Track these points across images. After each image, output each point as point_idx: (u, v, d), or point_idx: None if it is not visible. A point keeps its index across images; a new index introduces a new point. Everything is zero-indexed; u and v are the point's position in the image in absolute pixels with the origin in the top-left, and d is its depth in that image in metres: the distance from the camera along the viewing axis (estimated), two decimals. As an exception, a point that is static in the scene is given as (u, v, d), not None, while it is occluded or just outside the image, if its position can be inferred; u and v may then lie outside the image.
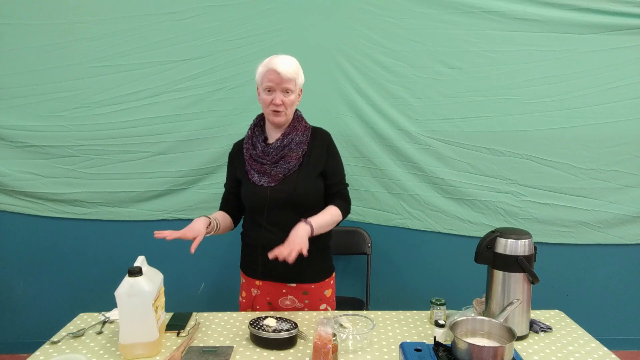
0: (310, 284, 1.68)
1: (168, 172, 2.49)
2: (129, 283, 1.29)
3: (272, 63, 1.52)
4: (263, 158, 1.60)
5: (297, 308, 1.69)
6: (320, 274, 1.70)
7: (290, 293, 1.68)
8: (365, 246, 2.44)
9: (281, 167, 1.58)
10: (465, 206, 2.52)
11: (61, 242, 2.58)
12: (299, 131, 1.62)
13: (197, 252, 1.44)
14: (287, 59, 1.55)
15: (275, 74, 1.51)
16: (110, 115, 2.42)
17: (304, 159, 1.61)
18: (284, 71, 1.50)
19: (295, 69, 1.55)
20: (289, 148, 1.59)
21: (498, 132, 2.43)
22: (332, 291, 1.76)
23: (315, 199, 1.64)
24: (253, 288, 1.70)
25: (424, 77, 2.40)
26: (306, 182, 1.59)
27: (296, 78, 1.55)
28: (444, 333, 1.32)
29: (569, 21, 2.31)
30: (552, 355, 1.35)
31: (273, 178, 1.58)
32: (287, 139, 1.60)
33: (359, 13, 2.37)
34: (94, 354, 1.35)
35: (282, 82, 1.52)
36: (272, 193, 1.58)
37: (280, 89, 1.53)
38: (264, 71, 1.54)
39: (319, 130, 1.69)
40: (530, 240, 1.42)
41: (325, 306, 1.71)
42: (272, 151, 1.60)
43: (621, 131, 2.40)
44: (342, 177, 1.71)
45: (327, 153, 1.65)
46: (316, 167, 1.61)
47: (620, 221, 2.49)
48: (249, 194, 1.62)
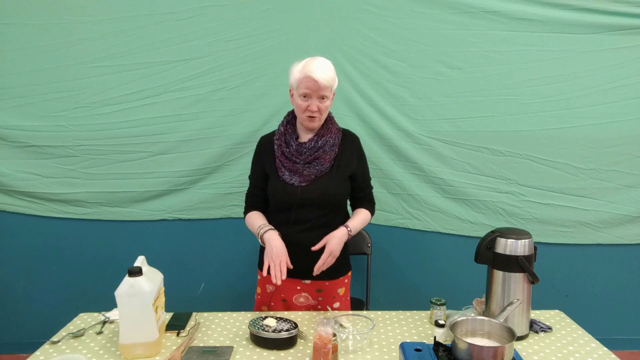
0: (324, 282, 1.68)
1: (168, 172, 2.49)
2: (129, 283, 1.29)
3: (310, 70, 1.48)
4: (296, 157, 1.59)
5: (310, 306, 1.69)
6: (336, 271, 1.68)
7: (304, 290, 1.68)
8: (365, 246, 2.44)
9: (314, 167, 1.58)
10: (465, 206, 2.52)
11: (61, 242, 2.58)
12: (332, 133, 1.62)
13: (197, 252, 1.45)
14: (325, 64, 1.52)
15: (313, 81, 1.47)
16: (110, 115, 2.41)
17: (335, 162, 1.61)
18: (322, 79, 1.47)
19: (333, 75, 1.52)
20: (322, 150, 1.59)
21: (498, 132, 2.43)
22: (346, 290, 1.76)
23: (344, 200, 1.69)
24: (268, 284, 1.69)
25: (424, 77, 2.40)
26: (336, 184, 1.61)
27: (333, 84, 1.53)
28: (444, 333, 1.32)
29: (569, 21, 2.31)
30: (552, 355, 1.35)
31: (305, 178, 1.58)
32: (322, 141, 1.59)
33: (359, 13, 2.37)
34: (94, 354, 1.35)
35: (319, 89, 1.49)
36: (302, 193, 1.58)
37: (317, 95, 1.51)
38: (300, 77, 1.50)
39: (349, 134, 1.70)
40: (530, 240, 1.42)
41: (338, 305, 1.71)
42: (306, 151, 1.59)
43: (621, 131, 2.40)
44: (369, 181, 1.75)
45: (358, 158, 1.68)
46: (346, 171, 1.63)
47: (620, 221, 2.49)
48: (279, 191, 1.61)
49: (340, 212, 1.68)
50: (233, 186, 2.50)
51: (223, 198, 2.51)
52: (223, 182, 2.51)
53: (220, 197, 2.52)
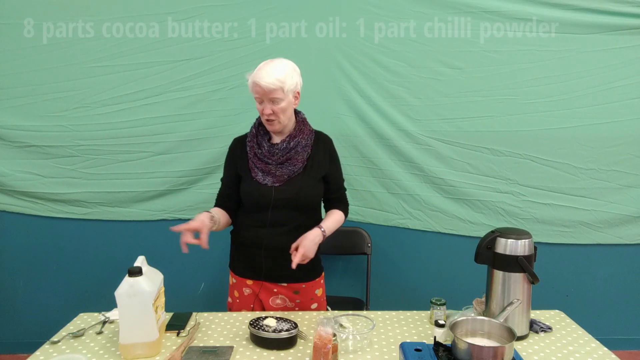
0: (301, 284, 1.69)
1: (168, 172, 2.49)
2: (129, 283, 1.29)
3: (256, 76, 1.50)
4: (269, 158, 1.61)
5: (287, 308, 1.70)
6: (312, 273, 1.71)
7: (281, 292, 1.69)
8: (365, 246, 2.44)
9: (287, 168, 1.59)
10: (465, 206, 2.52)
11: (61, 242, 2.58)
12: (305, 134, 1.63)
13: (197, 252, 1.43)
14: (273, 67, 1.51)
15: (258, 86, 1.49)
16: (110, 115, 2.42)
17: (308, 162, 1.63)
18: (266, 84, 1.48)
19: (280, 77, 1.50)
20: (295, 151, 1.60)
21: (498, 132, 2.43)
22: (323, 290, 1.77)
23: (317, 201, 1.71)
24: (245, 288, 1.70)
25: (424, 77, 2.40)
26: (310, 185, 1.62)
27: (282, 86, 1.50)
28: (444, 333, 1.32)
29: (569, 21, 2.31)
30: (552, 355, 1.35)
31: (278, 178, 1.59)
32: (294, 142, 1.60)
33: (359, 13, 2.37)
34: (94, 354, 1.35)
35: (266, 93, 1.50)
36: (276, 193, 1.59)
37: (267, 99, 1.52)
38: (250, 83, 1.53)
39: (322, 135, 1.72)
40: (530, 240, 1.42)
41: (316, 305, 1.72)
42: (278, 152, 1.60)
43: (621, 131, 2.40)
44: (342, 182, 1.77)
45: (330, 160, 1.69)
46: (319, 172, 1.65)
47: (620, 221, 2.49)
48: (253, 192, 1.62)
49: (314, 214, 1.69)
50: (233, 186, 2.50)
51: (223, 198, 2.51)
52: (223, 182, 2.51)
53: (220, 197, 2.52)
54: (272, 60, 1.55)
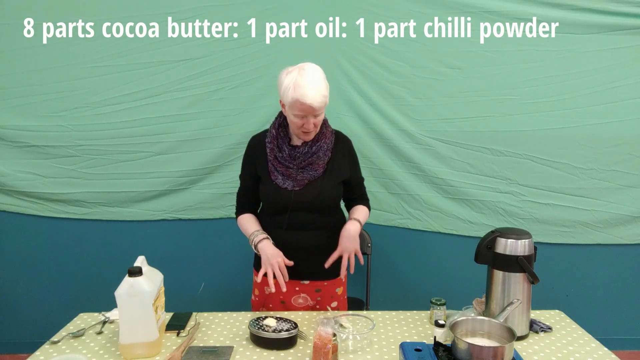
0: (323, 281, 1.68)
1: (168, 172, 2.49)
2: (129, 283, 1.29)
3: (302, 95, 1.40)
4: (290, 162, 1.57)
5: (309, 307, 1.69)
6: (334, 271, 1.66)
7: (303, 291, 1.68)
8: (365, 246, 2.43)
9: (307, 173, 1.57)
10: (465, 206, 2.52)
11: (61, 242, 2.58)
12: (326, 138, 1.60)
13: (197, 252, 1.45)
14: (315, 83, 1.43)
15: (307, 106, 1.42)
16: (110, 115, 2.41)
17: (328, 166, 1.60)
18: (318, 104, 1.42)
19: (325, 93, 1.45)
20: (316, 156, 1.57)
21: (498, 132, 2.43)
22: (344, 289, 1.76)
23: (337, 201, 1.69)
24: (266, 286, 1.69)
25: (424, 77, 2.40)
26: (330, 188, 1.60)
27: (327, 101, 1.47)
28: (444, 333, 1.32)
29: (569, 21, 2.31)
30: (552, 355, 1.35)
31: (298, 183, 1.57)
32: (316, 146, 1.57)
33: (359, 13, 2.36)
34: (94, 354, 1.35)
35: (314, 111, 1.45)
36: (296, 197, 1.57)
37: (312, 115, 1.47)
38: (292, 101, 1.43)
39: (341, 136, 1.69)
40: (530, 240, 1.42)
41: (336, 304, 1.71)
42: (300, 156, 1.56)
43: (621, 131, 2.40)
44: (362, 181, 1.76)
45: (350, 163, 1.68)
46: (340, 175, 1.63)
47: (620, 221, 2.49)
48: (272, 195, 1.59)
49: (334, 213, 1.68)
50: (233, 186, 2.46)
51: (223, 198, 2.51)
52: (223, 182, 2.51)
53: (220, 197, 2.52)
54: (307, 72, 1.45)
